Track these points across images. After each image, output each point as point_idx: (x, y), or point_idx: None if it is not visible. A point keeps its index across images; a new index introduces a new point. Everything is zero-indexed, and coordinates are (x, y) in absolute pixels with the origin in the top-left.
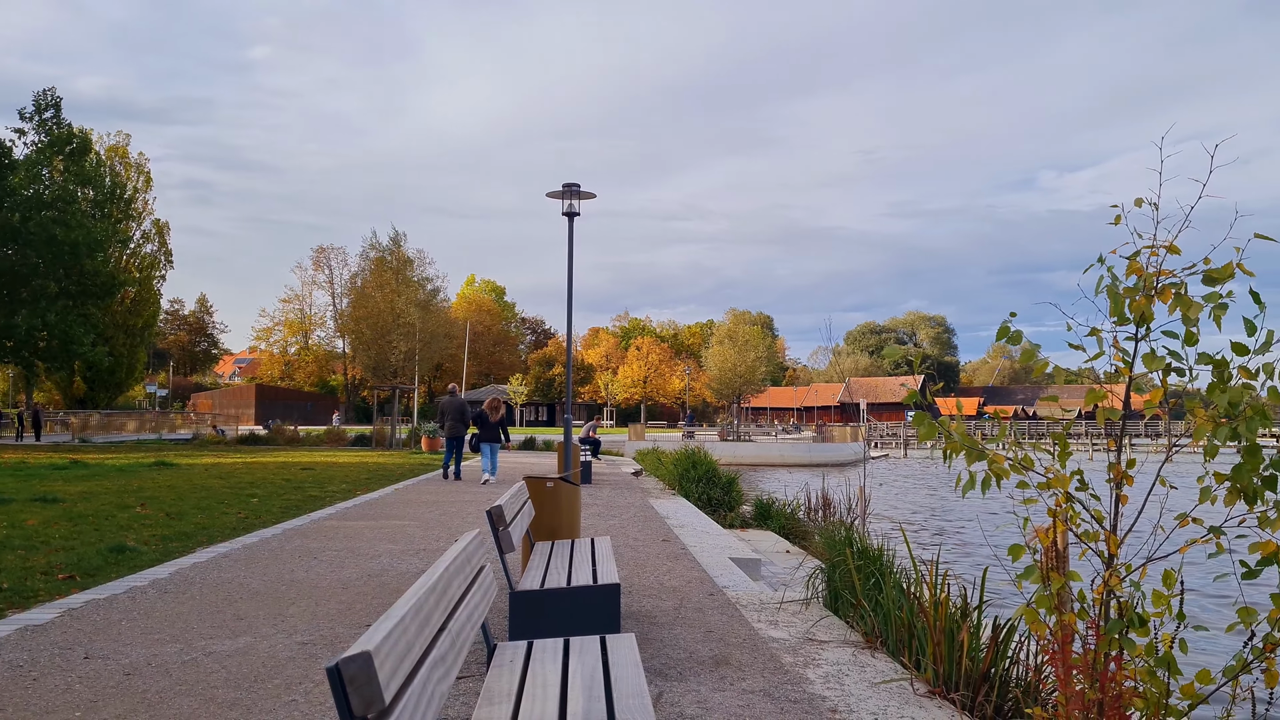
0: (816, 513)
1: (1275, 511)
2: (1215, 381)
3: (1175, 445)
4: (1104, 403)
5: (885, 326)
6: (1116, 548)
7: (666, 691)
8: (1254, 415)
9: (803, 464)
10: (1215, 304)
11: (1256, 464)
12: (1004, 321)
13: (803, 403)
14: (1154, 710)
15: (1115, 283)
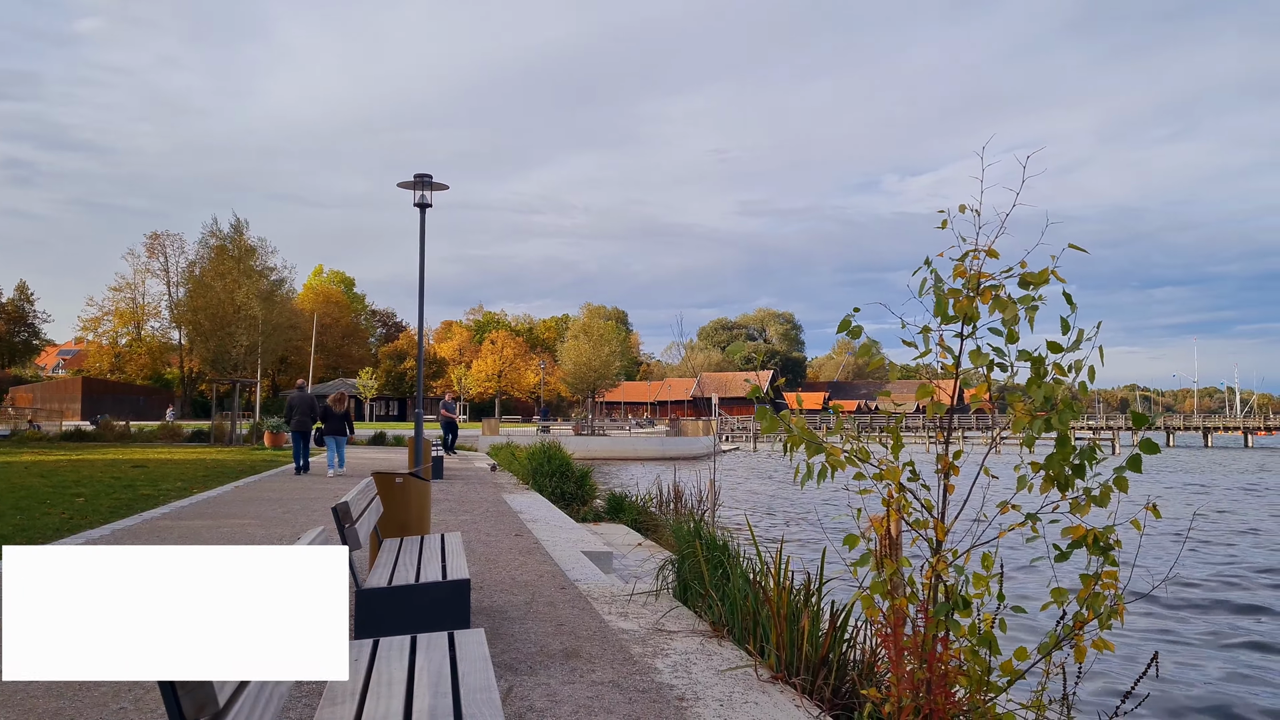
0: (668, 506)
1: (1085, 498)
2: (1033, 377)
3: (1000, 437)
4: (933, 397)
5: (737, 323)
6: (944, 534)
7: (516, 685)
8: (1065, 408)
9: (656, 458)
10: (1029, 305)
11: (1067, 454)
12: (846, 316)
13: (656, 397)
14: (976, 687)
15: (940, 284)
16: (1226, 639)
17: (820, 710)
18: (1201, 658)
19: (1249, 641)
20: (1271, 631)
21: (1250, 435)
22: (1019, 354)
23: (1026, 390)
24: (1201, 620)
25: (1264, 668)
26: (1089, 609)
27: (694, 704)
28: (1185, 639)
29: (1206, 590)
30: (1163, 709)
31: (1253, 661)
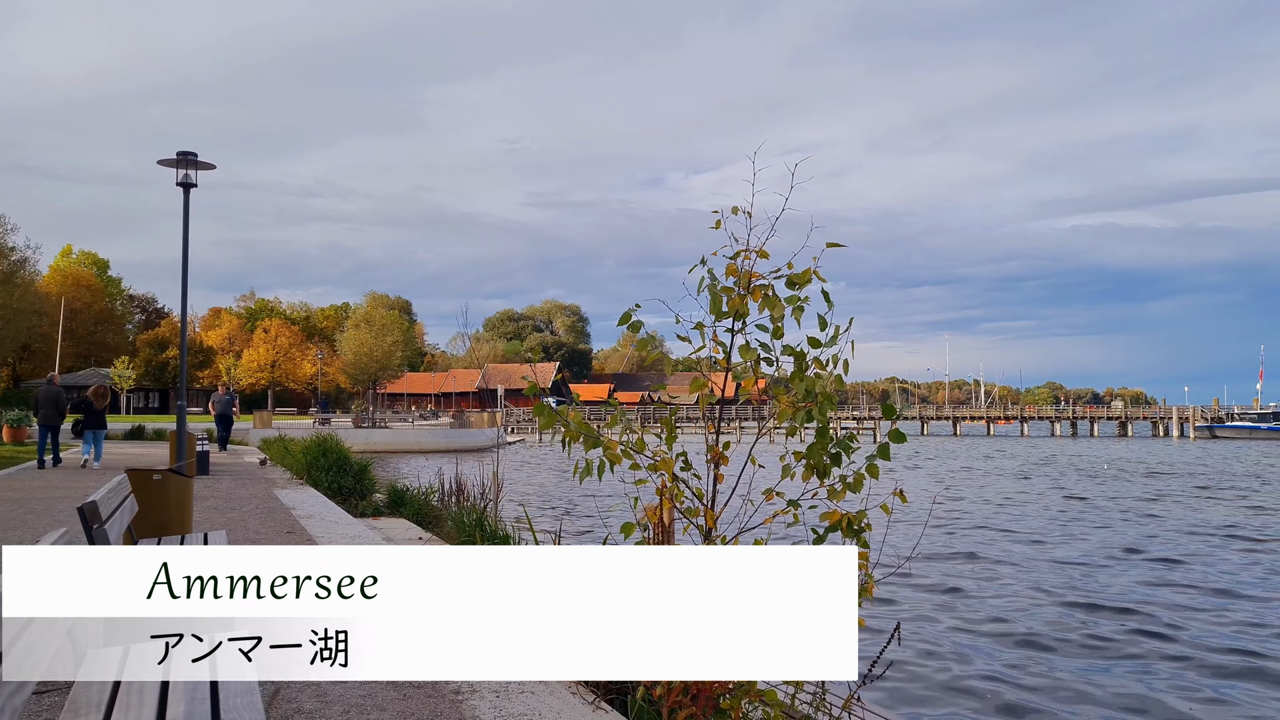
0: (451, 498)
1: (840, 485)
2: (796, 371)
3: (768, 428)
4: (705, 390)
5: (524, 314)
6: (714, 521)
7: (284, 688)
8: (825, 400)
9: (440, 450)
10: (795, 304)
11: (826, 443)
12: (628, 309)
13: (441, 389)
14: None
15: (715, 282)
16: (960, 613)
17: (595, 695)
18: (940, 630)
19: (985, 616)
20: (1000, 606)
21: (992, 424)
22: (784, 349)
23: (790, 383)
24: (940, 595)
25: (992, 635)
26: None
27: (469, 696)
28: (929, 615)
29: (947, 567)
30: (909, 675)
31: (985, 630)
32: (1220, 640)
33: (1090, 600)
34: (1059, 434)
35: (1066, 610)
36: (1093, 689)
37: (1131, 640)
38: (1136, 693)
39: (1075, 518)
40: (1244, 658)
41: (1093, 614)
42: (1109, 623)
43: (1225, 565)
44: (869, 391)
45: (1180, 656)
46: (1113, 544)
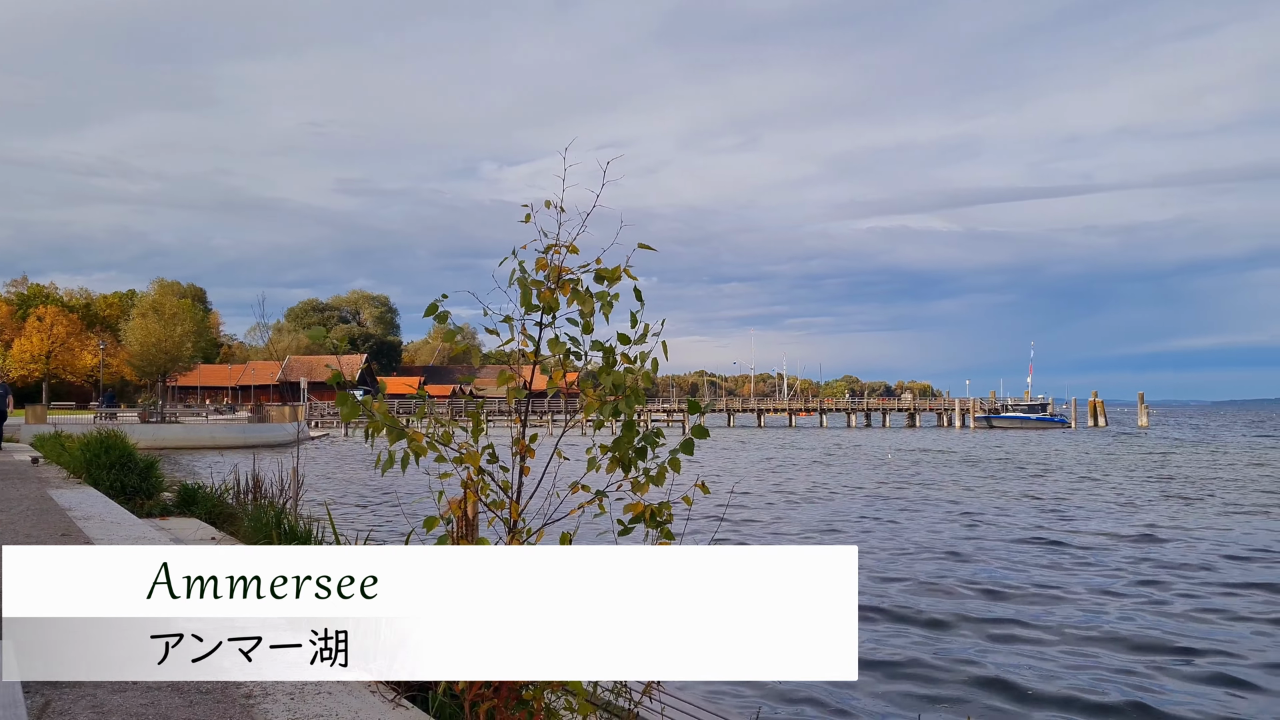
0: (247, 496)
1: (644, 477)
2: (604, 366)
3: (577, 421)
4: (513, 383)
5: (329, 304)
6: (519, 514)
7: (55, 699)
8: (631, 395)
9: (237, 445)
10: (604, 300)
11: (632, 437)
12: (434, 301)
13: (239, 381)
14: None
15: (525, 275)
16: None
17: (395, 693)
18: None
19: None
20: None
21: (793, 416)
22: (593, 344)
23: (598, 378)
24: None
25: None
26: None
27: (262, 699)
28: None
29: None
30: None
31: None
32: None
33: (883, 577)
34: (854, 425)
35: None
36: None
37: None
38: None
39: (851, 508)
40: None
41: (878, 599)
42: (901, 605)
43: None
44: (679, 384)
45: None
46: (906, 533)
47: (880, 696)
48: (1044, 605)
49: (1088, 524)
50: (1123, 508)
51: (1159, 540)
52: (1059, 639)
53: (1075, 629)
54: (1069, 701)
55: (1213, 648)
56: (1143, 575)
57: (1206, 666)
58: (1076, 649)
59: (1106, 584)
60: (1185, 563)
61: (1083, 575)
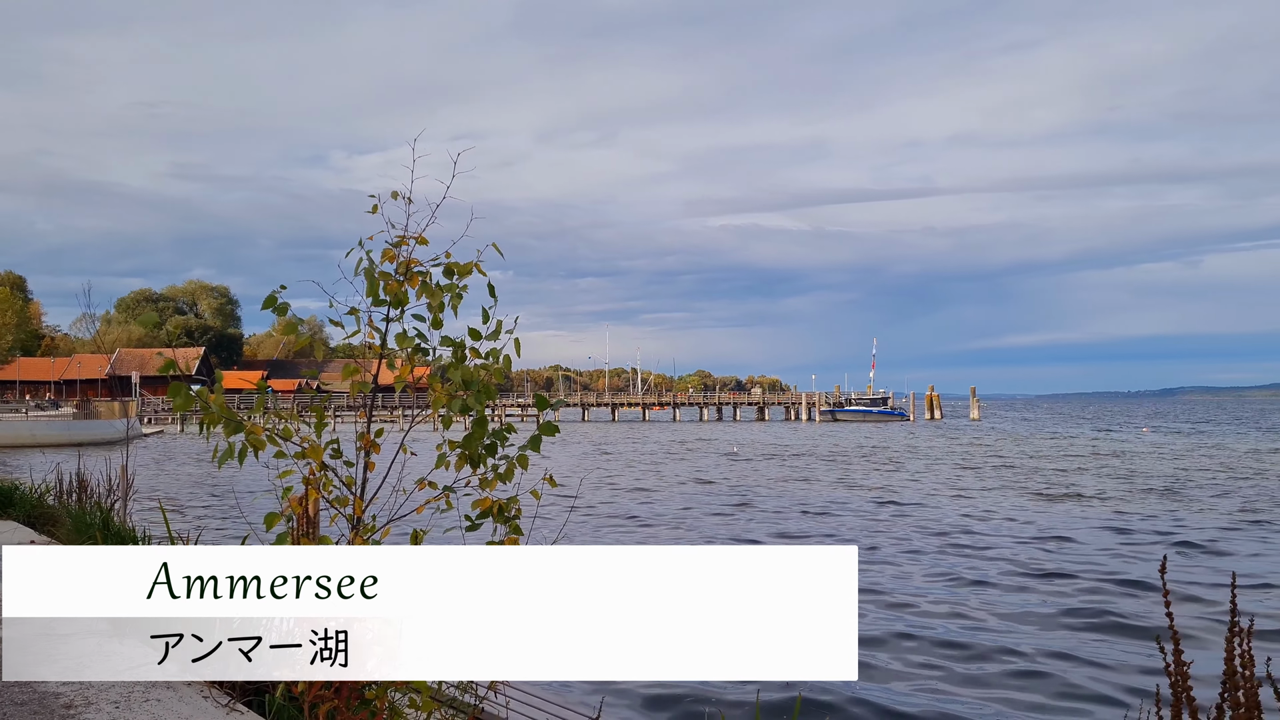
0: (70, 496)
1: (493, 474)
2: (454, 361)
3: (421, 417)
4: (358, 377)
5: (164, 294)
6: (363, 510)
7: None
8: (481, 391)
9: (62, 443)
10: (454, 294)
11: (483, 434)
12: (272, 292)
13: (63, 376)
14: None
15: (373, 266)
16: None
17: (230, 697)
18: None
19: None
20: None
21: (647, 410)
22: (442, 339)
23: (447, 373)
24: None
25: None
26: None
27: (84, 709)
28: None
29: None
30: None
31: None
32: None
33: None
34: (706, 418)
35: None
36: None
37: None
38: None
39: (700, 500)
40: None
41: None
42: None
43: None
44: (534, 379)
45: None
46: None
47: (719, 686)
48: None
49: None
50: (877, 492)
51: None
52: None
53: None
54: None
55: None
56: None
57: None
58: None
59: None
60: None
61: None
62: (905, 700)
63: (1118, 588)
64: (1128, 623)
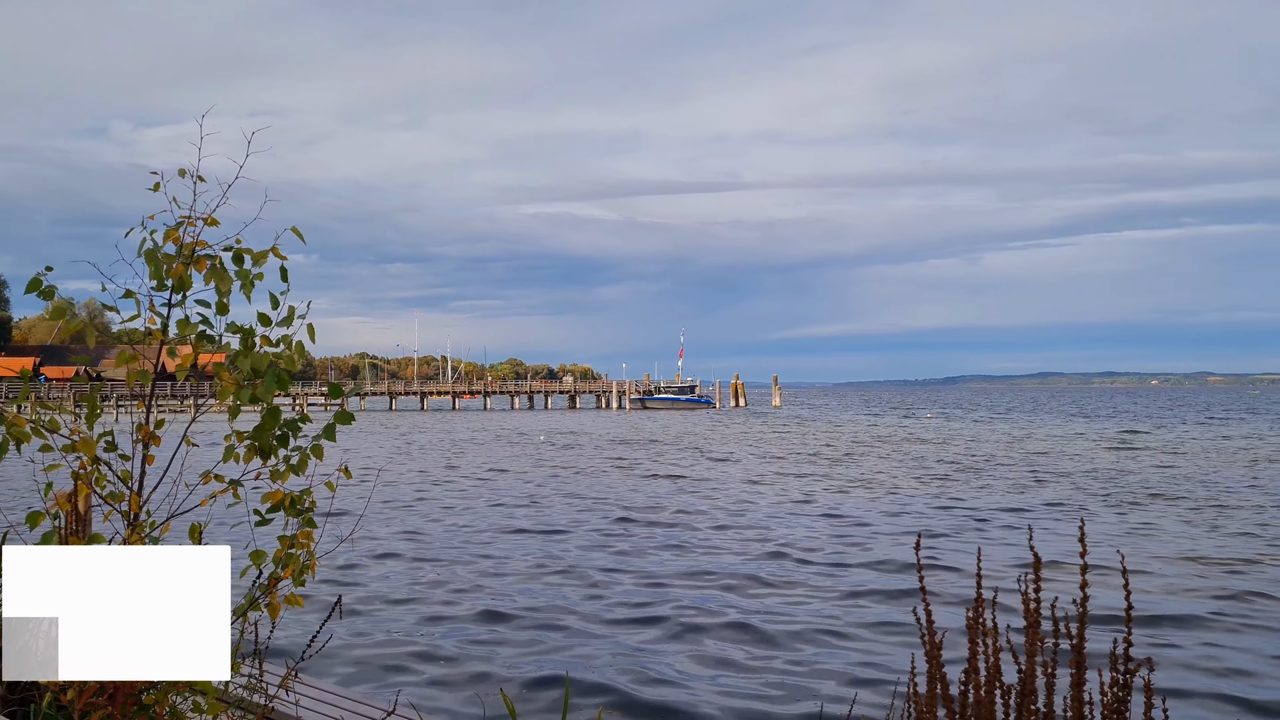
0: None
1: (284, 465)
2: (242, 349)
3: (207, 408)
4: (135, 364)
5: None
6: (139, 507)
7: None
8: (271, 380)
9: None
10: (245, 279)
11: (274, 424)
12: (38, 274)
13: None
14: None
15: (156, 248)
16: (401, 580)
17: None
18: (396, 599)
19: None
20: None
21: (457, 399)
22: (229, 326)
23: (235, 361)
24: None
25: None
26: (284, 567)
27: None
28: (377, 588)
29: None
30: (368, 643)
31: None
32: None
33: (549, 567)
34: (518, 407)
35: (495, 578)
36: (540, 643)
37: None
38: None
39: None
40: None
41: (535, 580)
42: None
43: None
44: (338, 367)
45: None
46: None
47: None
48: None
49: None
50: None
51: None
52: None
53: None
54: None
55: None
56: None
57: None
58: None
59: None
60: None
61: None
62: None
63: (896, 572)
64: (903, 616)
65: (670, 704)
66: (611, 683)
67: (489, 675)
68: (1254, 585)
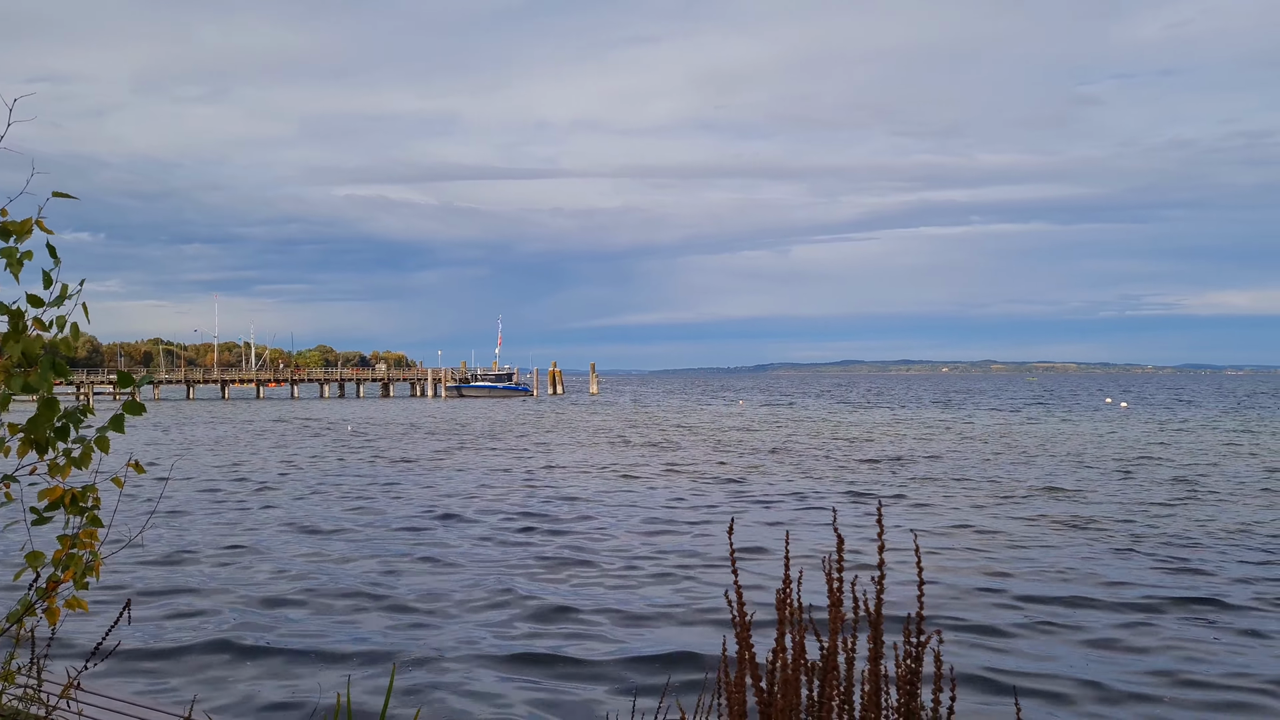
0: None
1: (64, 459)
2: (10, 332)
3: None
4: None
5: None
6: None
7: None
8: (47, 367)
9: None
10: (12, 257)
11: (53, 414)
12: None
13: None
14: None
15: None
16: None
17: None
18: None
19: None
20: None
21: (262, 387)
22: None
23: (4, 346)
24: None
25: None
26: (65, 569)
27: None
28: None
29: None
30: (162, 644)
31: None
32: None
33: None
34: (328, 395)
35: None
36: (351, 629)
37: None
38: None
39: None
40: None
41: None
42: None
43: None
44: (129, 353)
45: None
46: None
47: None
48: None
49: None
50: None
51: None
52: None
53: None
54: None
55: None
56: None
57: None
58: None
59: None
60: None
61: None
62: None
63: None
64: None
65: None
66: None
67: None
68: (1031, 557)
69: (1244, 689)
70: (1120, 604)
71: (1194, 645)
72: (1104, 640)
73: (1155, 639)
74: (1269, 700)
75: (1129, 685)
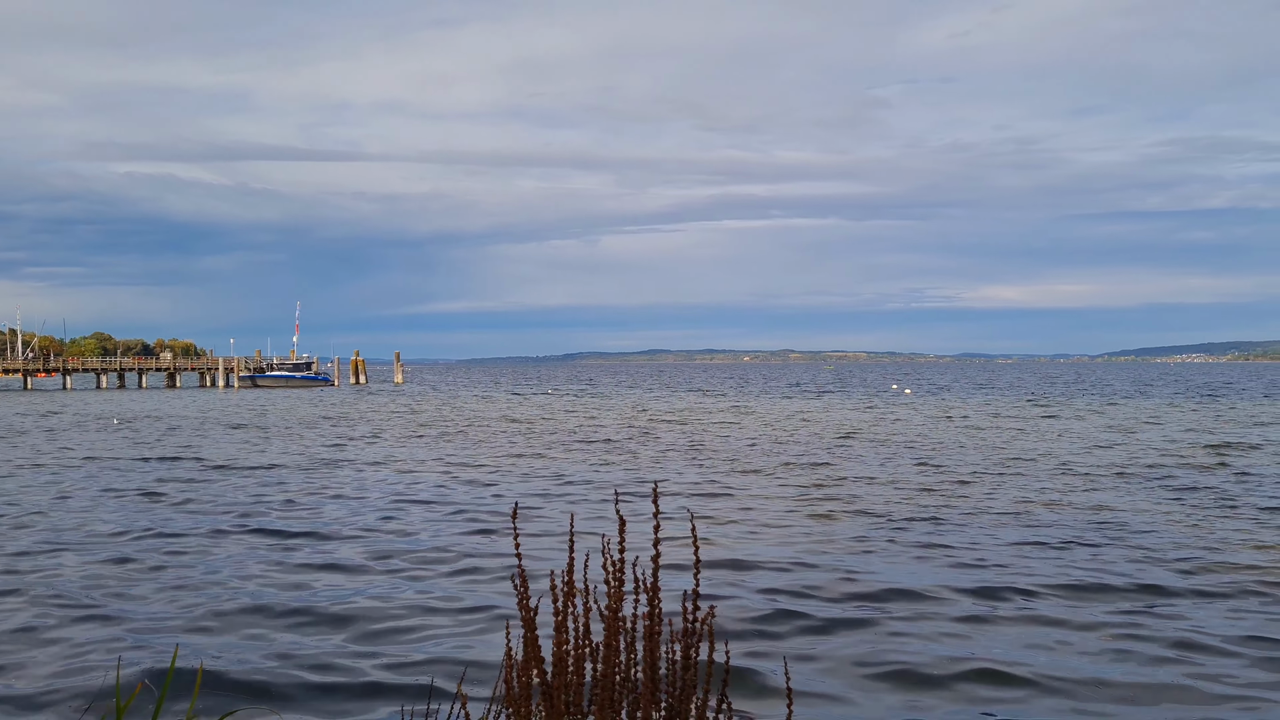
0: None
1: None
2: None
3: None
4: None
5: None
6: None
7: None
8: None
9: None
10: None
11: None
12: None
13: None
14: None
15: None
16: None
17: None
18: None
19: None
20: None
21: (31, 377)
22: None
23: None
24: None
25: None
26: None
27: None
28: None
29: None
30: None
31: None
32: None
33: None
34: (105, 386)
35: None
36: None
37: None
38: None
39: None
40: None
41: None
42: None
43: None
44: None
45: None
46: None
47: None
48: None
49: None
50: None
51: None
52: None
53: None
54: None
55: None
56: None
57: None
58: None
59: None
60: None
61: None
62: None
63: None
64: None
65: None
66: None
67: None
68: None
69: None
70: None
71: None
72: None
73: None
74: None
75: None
